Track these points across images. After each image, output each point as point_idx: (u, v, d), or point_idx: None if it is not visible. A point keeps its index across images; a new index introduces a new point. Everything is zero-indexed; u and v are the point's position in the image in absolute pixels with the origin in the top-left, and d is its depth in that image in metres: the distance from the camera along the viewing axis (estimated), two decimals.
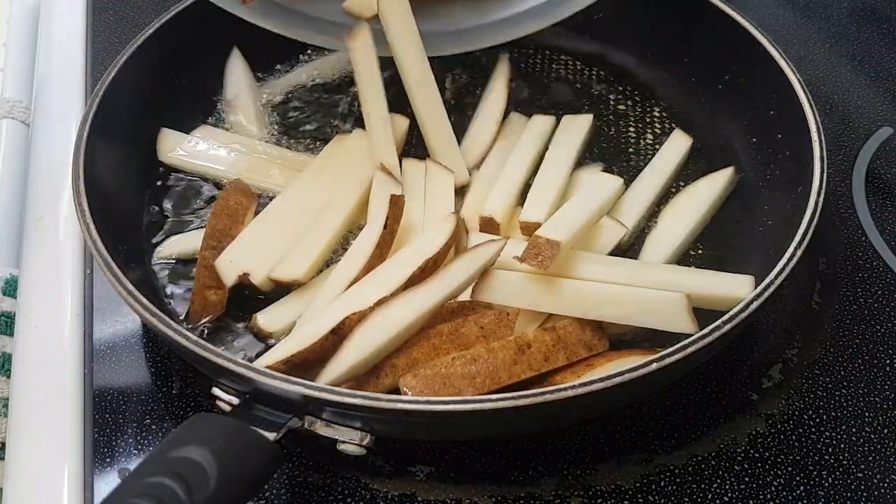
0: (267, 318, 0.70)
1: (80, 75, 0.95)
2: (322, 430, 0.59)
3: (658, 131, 0.88)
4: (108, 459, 0.65)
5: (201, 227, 0.77)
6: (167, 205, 0.80)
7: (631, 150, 0.87)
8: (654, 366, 0.56)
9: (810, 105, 0.74)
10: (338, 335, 0.63)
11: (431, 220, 0.76)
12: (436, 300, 0.65)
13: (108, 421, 0.67)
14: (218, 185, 0.81)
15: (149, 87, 0.82)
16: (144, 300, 0.61)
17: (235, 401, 0.60)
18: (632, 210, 0.79)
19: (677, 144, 0.85)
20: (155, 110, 0.84)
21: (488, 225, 0.76)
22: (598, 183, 0.77)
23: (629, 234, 0.77)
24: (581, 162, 0.84)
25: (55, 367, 0.71)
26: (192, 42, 0.87)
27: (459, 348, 0.65)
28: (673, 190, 0.82)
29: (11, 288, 0.81)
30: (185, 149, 0.83)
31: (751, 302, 0.60)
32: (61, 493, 0.64)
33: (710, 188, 0.80)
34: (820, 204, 0.67)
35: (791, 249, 0.64)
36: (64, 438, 0.66)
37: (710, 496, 0.63)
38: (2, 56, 1.09)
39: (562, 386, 0.55)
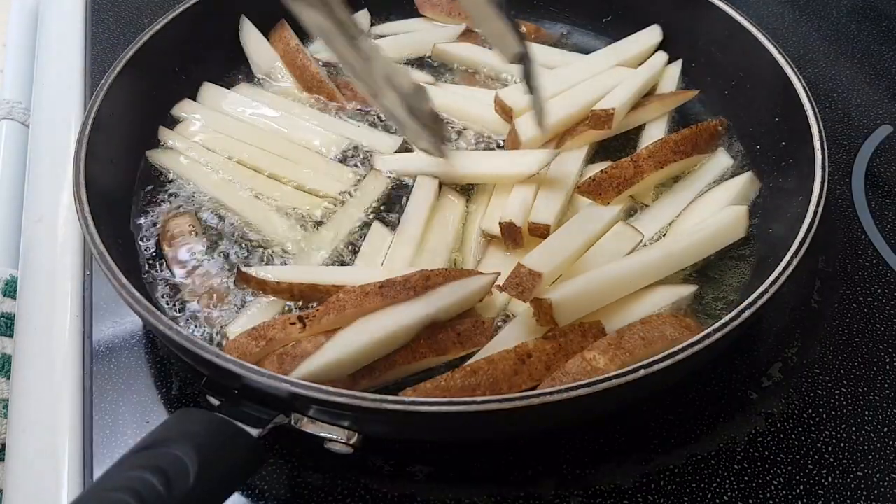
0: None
1: (79, 75, 0.95)
2: (308, 427, 0.59)
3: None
4: (107, 459, 0.65)
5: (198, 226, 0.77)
6: (167, 203, 0.80)
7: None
8: (654, 367, 0.56)
9: (814, 112, 0.74)
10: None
11: (429, 241, 0.77)
12: (418, 317, 0.66)
13: (108, 421, 0.67)
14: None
15: (148, 87, 0.82)
16: (137, 293, 0.62)
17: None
18: (658, 218, 0.78)
19: (720, 163, 0.83)
20: (154, 111, 0.84)
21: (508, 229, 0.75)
22: (592, 215, 0.74)
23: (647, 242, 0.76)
24: (590, 161, 0.84)
25: (55, 368, 0.71)
26: (191, 43, 0.87)
27: (436, 353, 0.66)
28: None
29: (11, 289, 0.81)
30: (180, 148, 0.84)
31: (744, 310, 0.60)
32: (61, 493, 0.64)
33: (725, 196, 0.79)
34: (819, 213, 0.67)
35: (787, 258, 0.64)
36: (64, 438, 0.67)
37: (709, 496, 0.63)
38: (1, 56, 1.09)
39: (559, 388, 0.55)
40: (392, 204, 0.80)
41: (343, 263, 0.75)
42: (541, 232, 0.74)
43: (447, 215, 0.78)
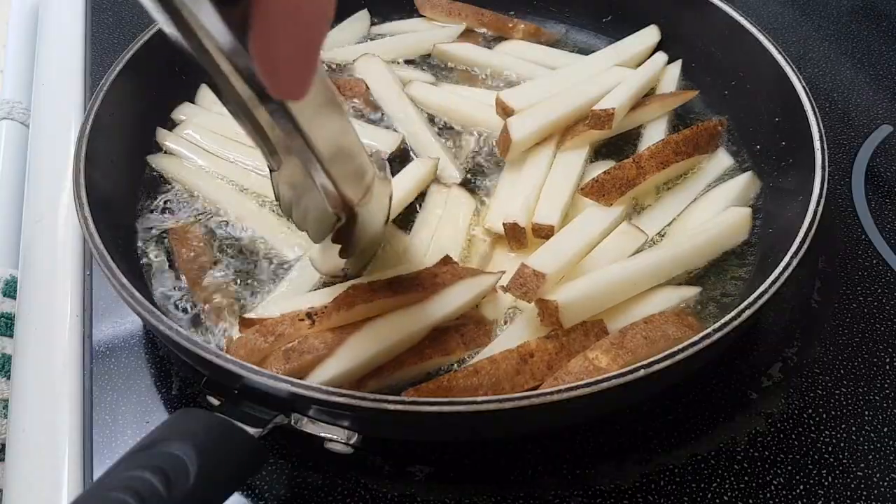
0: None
1: (79, 76, 0.95)
2: (308, 427, 0.59)
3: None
4: (107, 460, 0.65)
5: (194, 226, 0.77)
6: (167, 205, 0.80)
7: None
8: (655, 367, 0.56)
9: (814, 112, 0.74)
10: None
11: (440, 239, 0.76)
12: (429, 321, 0.66)
13: (108, 421, 0.67)
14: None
15: (149, 87, 0.82)
16: (137, 293, 0.62)
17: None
18: (659, 219, 0.78)
19: (720, 163, 0.83)
20: (155, 111, 0.84)
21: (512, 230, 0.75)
22: (596, 215, 0.75)
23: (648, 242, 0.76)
24: (591, 160, 0.84)
25: (55, 368, 0.71)
26: None
27: (441, 354, 0.66)
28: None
29: (11, 289, 0.81)
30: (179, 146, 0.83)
31: (744, 310, 0.60)
32: (61, 493, 0.64)
33: (725, 196, 0.79)
34: (819, 213, 0.66)
35: (787, 258, 0.63)
36: (64, 438, 0.67)
37: (709, 495, 0.63)
38: (1, 56, 1.09)
39: (561, 388, 0.55)
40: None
41: None
42: (545, 233, 0.74)
43: (458, 216, 0.78)
